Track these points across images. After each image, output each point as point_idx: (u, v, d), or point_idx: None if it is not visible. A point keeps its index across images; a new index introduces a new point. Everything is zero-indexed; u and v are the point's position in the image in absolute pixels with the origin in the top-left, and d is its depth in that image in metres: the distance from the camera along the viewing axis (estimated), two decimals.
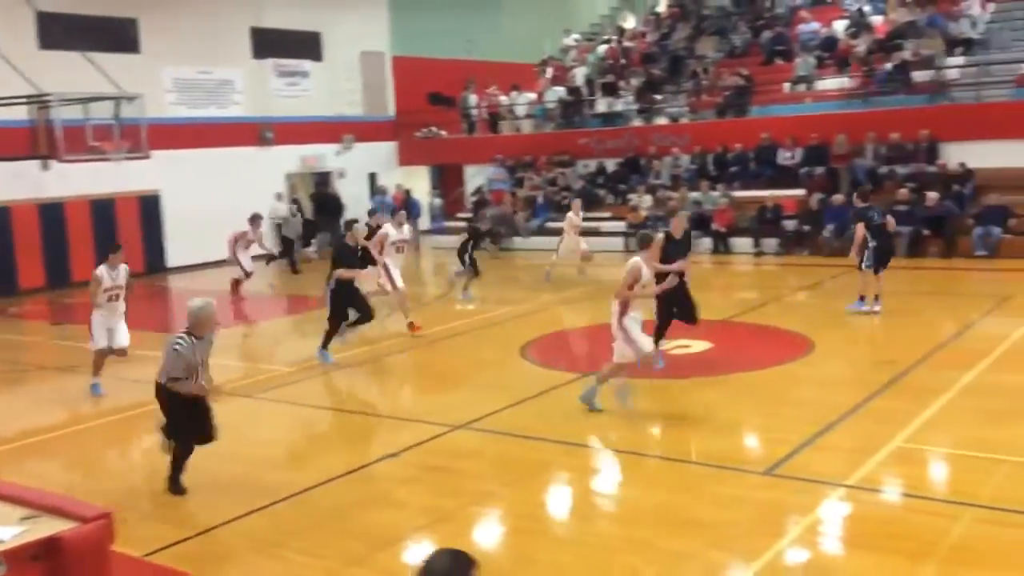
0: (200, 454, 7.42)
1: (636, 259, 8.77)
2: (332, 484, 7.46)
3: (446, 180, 28.97)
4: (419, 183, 28.27)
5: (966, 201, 18.36)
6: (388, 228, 13.47)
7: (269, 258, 19.84)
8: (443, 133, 28.21)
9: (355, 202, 24.88)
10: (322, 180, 26.76)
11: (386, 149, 28.22)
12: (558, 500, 7.32)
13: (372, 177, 27.33)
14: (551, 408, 9.40)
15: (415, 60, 28.29)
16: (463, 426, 8.72)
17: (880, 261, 12.79)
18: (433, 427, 8.80)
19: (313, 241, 23.73)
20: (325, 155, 26.40)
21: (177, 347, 7.05)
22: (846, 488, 6.78)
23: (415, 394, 11.18)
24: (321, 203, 25.66)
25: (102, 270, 10.54)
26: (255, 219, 18.48)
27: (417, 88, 28.28)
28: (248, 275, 17.98)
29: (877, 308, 12.88)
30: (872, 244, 12.68)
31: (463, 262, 15.97)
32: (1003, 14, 22.29)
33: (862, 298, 13.05)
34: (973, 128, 19.00)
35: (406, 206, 25.95)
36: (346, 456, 8.30)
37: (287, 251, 21.91)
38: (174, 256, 22.68)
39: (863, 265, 12.86)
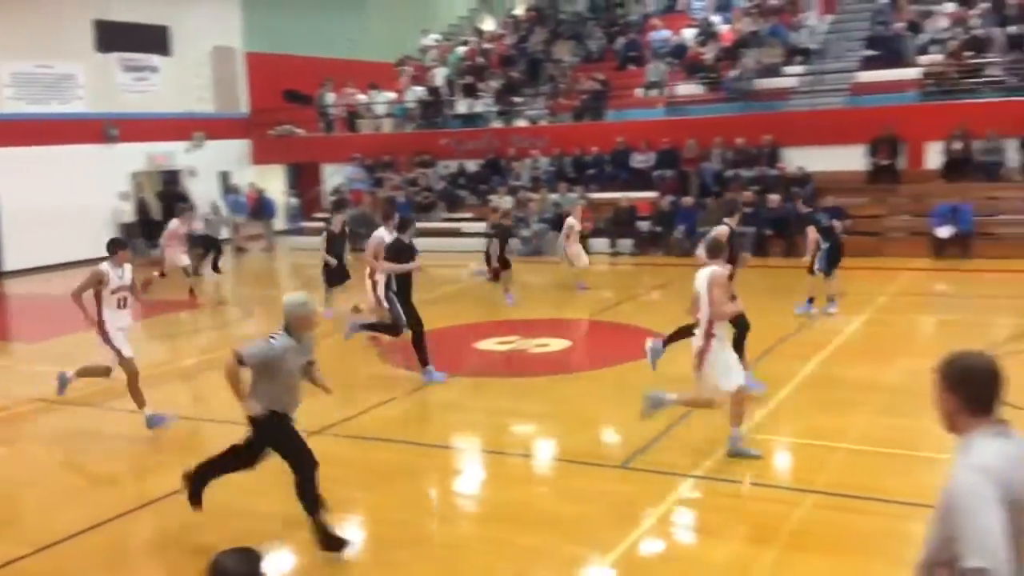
0: (41, 467, 7.03)
1: (715, 267, 7.41)
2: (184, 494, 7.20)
3: (303, 179, 28.40)
4: (274, 182, 27.64)
5: (808, 200, 19.35)
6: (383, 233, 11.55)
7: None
8: (299, 131, 27.66)
9: (206, 202, 24.07)
10: (171, 179, 25.79)
11: (239, 147, 27.44)
12: (418, 503, 7.31)
13: (224, 176, 26.52)
14: (412, 411, 9.38)
15: (269, 56, 27.62)
16: (320, 432, 8.56)
17: (832, 263, 12.90)
18: None
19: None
20: (174, 153, 25.44)
21: (273, 338, 5.94)
22: (696, 479, 7.06)
23: None
24: (169, 203, 24.70)
25: (106, 267, 8.83)
26: (184, 212, 17.36)
27: (272, 85, 27.63)
28: (184, 272, 16.63)
29: (832, 310, 12.81)
30: (824, 246, 12.79)
31: (489, 263, 15.43)
32: (839, 25, 23.66)
33: (811, 300, 12.99)
34: (810, 134, 20.10)
35: (259, 206, 25.41)
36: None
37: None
38: (12, 259, 21.39)
39: (815, 268, 12.89)
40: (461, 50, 28.83)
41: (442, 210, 23.68)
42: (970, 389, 2.92)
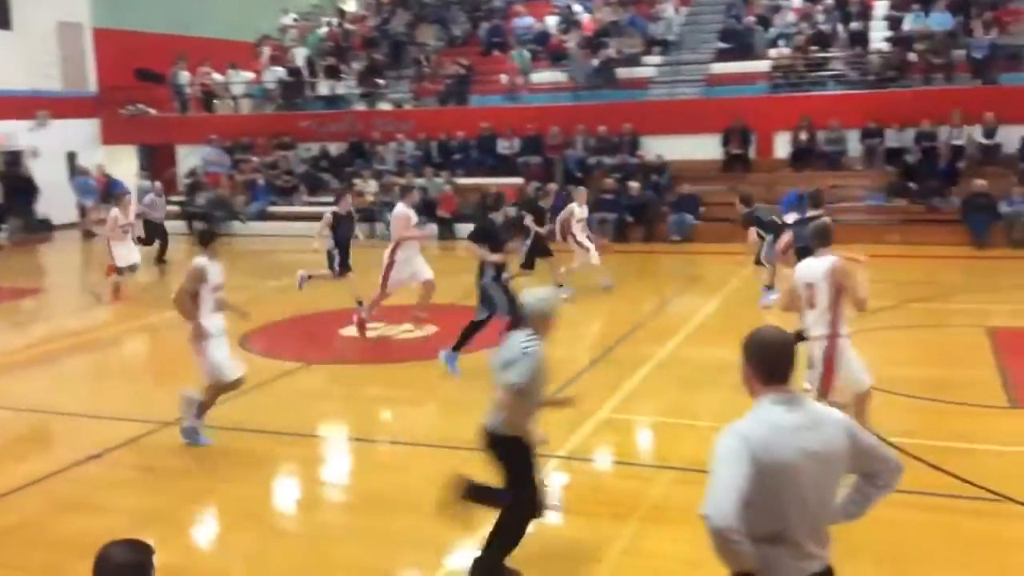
0: None
1: (835, 258, 6.51)
2: (26, 491, 6.83)
3: (156, 161, 27.23)
4: (126, 164, 26.38)
5: (663, 190, 19.98)
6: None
7: None
8: (152, 111, 26.49)
9: (52, 185, 22.79)
10: (13, 160, 24.26)
11: (87, 127, 26.06)
12: (281, 493, 7.18)
13: (71, 157, 25.14)
14: (274, 399, 9.17)
15: (120, 33, 26.32)
16: (176, 422, 8.27)
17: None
18: (142, 424, 8.30)
19: (3, 226, 21.50)
20: (16, 132, 23.91)
21: (528, 348, 5.11)
22: (559, 458, 7.20)
23: (123, 390, 10.45)
24: (12, 185, 23.29)
25: (204, 261, 7.54)
26: (120, 196, 15.63)
27: (123, 63, 26.33)
28: (130, 270, 14.80)
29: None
30: (768, 238, 12.62)
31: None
32: (694, 17, 24.42)
33: (768, 288, 12.66)
34: (668, 123, 20.71)
35: (108, 188, 24.23)
36: (41, 461, 7.62)
37: None
38: None
39: (763, 259, 12.82)
40: (322, 30, 28.24)
41: (303, 194, 23.21)
42: (761, 360, 3.21)
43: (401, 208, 11.50)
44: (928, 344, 10.74)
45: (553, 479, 6.96)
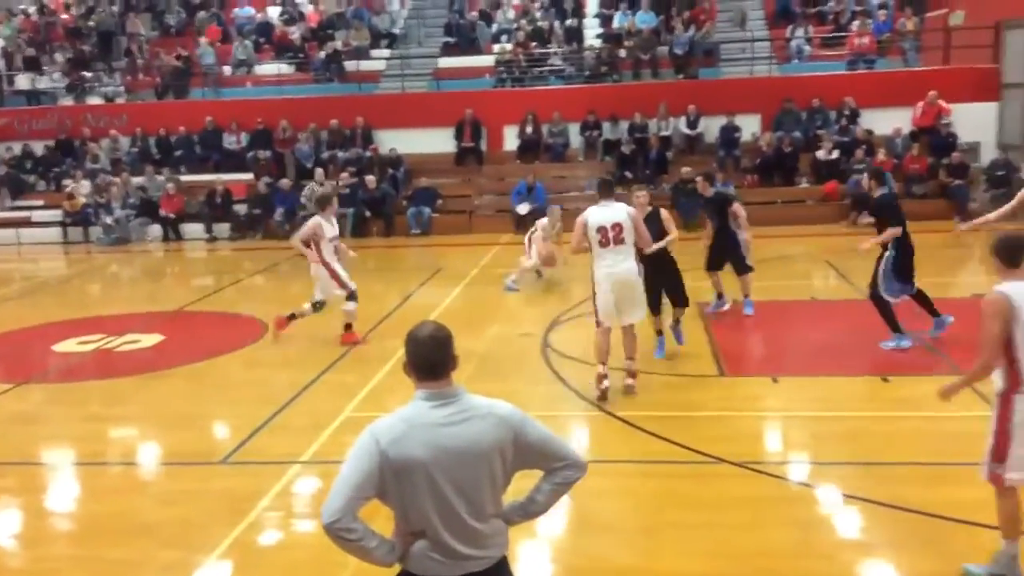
0: None
1: None
2: None
3: None
4: None
5: (400, 184, 20.04)
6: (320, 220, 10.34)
7: None
8: None
9: None
10: None
11: None
12: None
13: None
14: None
15: None
16: None
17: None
18: None
19: None
20: None
21: None
22: (301, 464, 7.03)
23: None
24: None
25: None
26: None
27: None
28: None
29: (726, 307, 11.28)
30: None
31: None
32: (418, 12, 24.66)
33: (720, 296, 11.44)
34: (400, 116, 20.79)
35: None
36: None
37: None
38: None
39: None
40: (16, 20, 25.70)
41: (6, 197, 21.08)
42: (416, 356, 3.21)
43: (316, 219, 10.42)
44: (649, 321, 11.50)
45: (296, 486, 6.79)
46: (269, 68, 22.90)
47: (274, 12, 24.61)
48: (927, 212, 16.99)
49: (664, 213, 9.39)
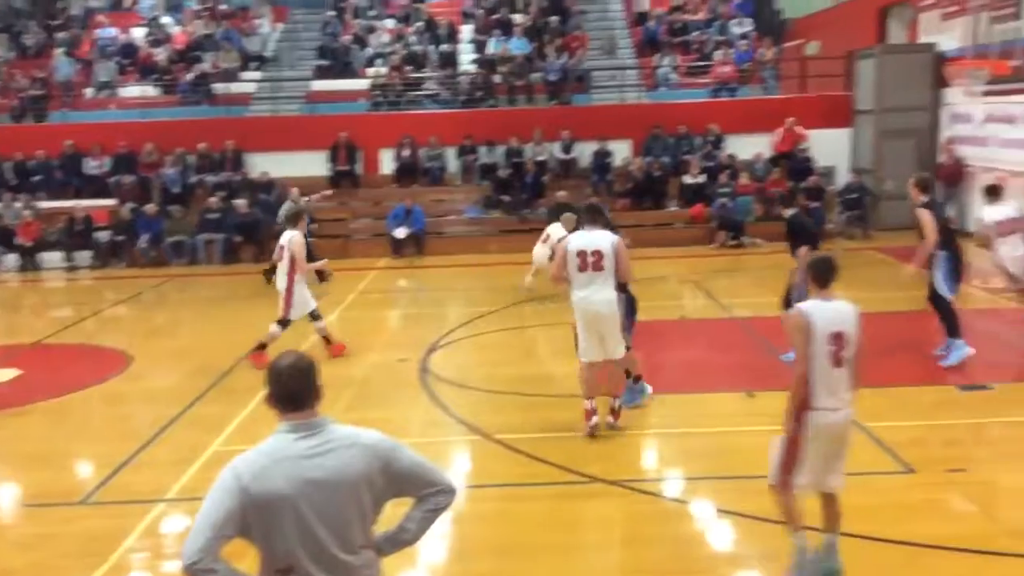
0: None
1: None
2: None
3: None
4: None
5: (273, 208, 19.58)
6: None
7: None
8: None
9: None
10: None
11: None
12: None
13: None
14: None
15: None
16: None
17: None
18: None
19: None
20: None
21: None
22: (167, 502, 6.74)
23: None
24: None
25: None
26: None
27: None
28: None
29: None
30: None
31: None
32: (290, 34, 24.32)
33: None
34: (272, 139, 20.37)
35: None
36: None
37: None
38: None
39: None
40: None
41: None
42: (277, 388, 3.18)
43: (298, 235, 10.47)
44: (526, 344, 11.61)
45: (162, 525, 6.50)
46: (134, 90, 22.11)
47: (139, 33, 23.81)
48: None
49: None
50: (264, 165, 20.22)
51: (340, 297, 14.62)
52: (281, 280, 10.51)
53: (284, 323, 10.47)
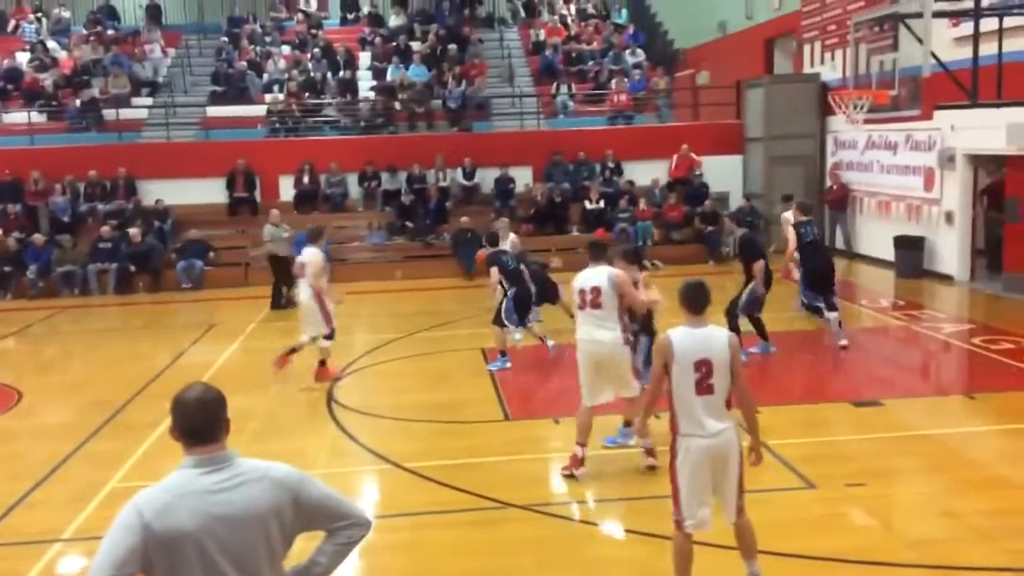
0: None
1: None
2: None
3: None
4: None
5: (167, 236, 19.10)
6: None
7: None
8: None
9: None
10: None
11: None
12: None
13: None
14: None
15: None
16: None
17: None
18: None
19: None
20: None
21: None
22: (63, 542, 6.46)
23: None
24: None
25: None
26: None
27: None
28: None
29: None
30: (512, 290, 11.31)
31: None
32: (182, 60, 23.82)
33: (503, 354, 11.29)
34: (167, 166, 19.88)
35: None
36: None
37: None
38: None
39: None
40: None
41: None
42: (182, 421, 3.09)
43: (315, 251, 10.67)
44: (433, 370, 11.56)
45: (59, 566, 6.23)
46: (18, 116, 21.27)
47: (23, 58, 22.96)
48: (685, 256, 18.44)
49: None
50: (159, 192, 19.71)
51: (240, 327, 14.32)
52: (304, 293, 10.64)
53: (330, 336, 10.70)
